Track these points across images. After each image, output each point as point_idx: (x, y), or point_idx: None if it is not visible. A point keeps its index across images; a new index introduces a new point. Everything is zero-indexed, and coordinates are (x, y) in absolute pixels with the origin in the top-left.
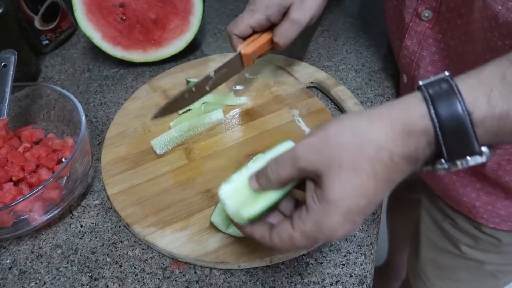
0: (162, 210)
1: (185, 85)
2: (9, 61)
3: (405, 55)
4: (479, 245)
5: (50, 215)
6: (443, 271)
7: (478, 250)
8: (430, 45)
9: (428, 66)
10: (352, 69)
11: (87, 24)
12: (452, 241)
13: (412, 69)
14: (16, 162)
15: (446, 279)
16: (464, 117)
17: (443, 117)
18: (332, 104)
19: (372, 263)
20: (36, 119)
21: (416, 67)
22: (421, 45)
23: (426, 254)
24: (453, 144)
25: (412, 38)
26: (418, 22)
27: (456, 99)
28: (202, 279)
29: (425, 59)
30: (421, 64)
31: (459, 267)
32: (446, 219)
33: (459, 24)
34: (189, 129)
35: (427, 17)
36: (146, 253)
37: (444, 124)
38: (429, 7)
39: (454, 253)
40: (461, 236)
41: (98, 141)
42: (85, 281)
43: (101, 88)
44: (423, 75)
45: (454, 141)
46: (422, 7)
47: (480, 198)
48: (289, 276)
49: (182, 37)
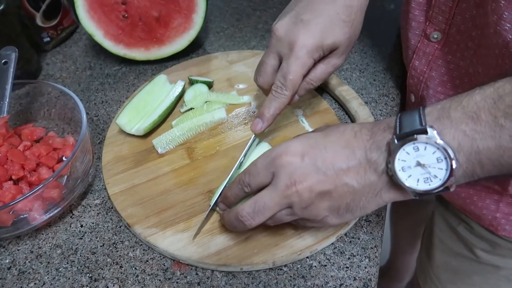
0: (163, 210)
1: (187, 83)
2: (10, 58)
3: (413, 76)
4: (496, 250)
5: (50, 214)
6: (456, 275)
7: (494, 255)
8: (439, 65)
9: (438, 87)
10: (356, 68)
11: (89, 21)
12: (467, 246)
13: (420, 90)
14: (16, 160)
15: (459, 283)
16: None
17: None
18: (336, 104)
19: (376, 266)
20: (37, 117)
21: (424, 87)
22: (430, 65)
23: (439, 258)
24: (405, 120)
25: (420, 58)
26: (426, 43)
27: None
28: (203, 281)
29: (434, 79)
30: (430, 85)
31: (473, 272)
32: (462, 223)
33: (470, 46)
34: (191, 128)
35: (436, 38)
36: (147, 254)
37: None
38: (438, 29)
39: (468, 257)
40: (477, 241)
41: (99, 139)
42: (85, 281)
43: (102, 86)
44: (432, 95)
45: (406, 118)
46: (430, 28)
47: (500, 209)
48: (292, 279)
49: (185, 35)
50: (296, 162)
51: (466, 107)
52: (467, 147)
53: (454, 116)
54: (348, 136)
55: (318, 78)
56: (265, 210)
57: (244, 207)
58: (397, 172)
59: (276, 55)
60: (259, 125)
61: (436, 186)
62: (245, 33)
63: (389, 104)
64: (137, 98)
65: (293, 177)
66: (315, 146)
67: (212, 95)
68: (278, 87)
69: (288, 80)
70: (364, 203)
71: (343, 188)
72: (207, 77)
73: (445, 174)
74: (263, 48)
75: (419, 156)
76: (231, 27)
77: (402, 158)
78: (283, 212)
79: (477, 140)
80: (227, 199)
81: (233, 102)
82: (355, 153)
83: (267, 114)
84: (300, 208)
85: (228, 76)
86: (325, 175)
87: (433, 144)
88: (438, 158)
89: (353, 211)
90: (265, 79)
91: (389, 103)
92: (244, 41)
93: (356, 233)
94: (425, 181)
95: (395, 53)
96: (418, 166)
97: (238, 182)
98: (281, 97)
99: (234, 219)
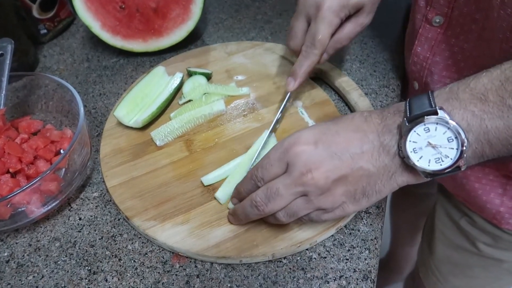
0: (162, 203)
1: (186, 75)
2: (6, 50)
3: (416, 62)
4: (498, 243)
5: (48, 207)
6: (458, 267)
7: (497, 249)
8: (443, 50)
9: (443, 71)
10: (356, 59)
11: (86, 13)
12: (469, 239)
13: (424, 76)
14: (13, 153)
15: (461, 276)
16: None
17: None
18: (336, 96)
19: (376, 258)
20: (34, 110)
21: (428, 73)
22: (433, 51)
23: (441, 250)
24: (414, 103)
25: (422, 44)
26: (428, 28)
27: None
28: (203, 273)
29: (439, 64)
30: (435, 70)
31: (475, 265)
32: (464, 216)
33: (474, 29)
34: (190, 120)
35: (438, 23)
36: (146, 247)
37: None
38: (440, 13)
39: (470, 250)
40: (479, 234)
41: (97, 132)
42: (83, 274)
43: (100, 79)
44: (437, 81)
45: (415, 101)
46: (432, 13)
47: (504, 203)
48: (292, 271)
49: (183, 26)
50: (310, 150)
51: (474, 89)
52: (476, 127)
53: (462, 97)
54: (359, 121)
55: (347, 37)
56: (278, 196)
57: (258, 193)
58: (408, 154)
59: (304, 17)
60: (292, 84)
61: (448, 166)
62: (244, 24)
63: (389, 95)
64: (135, 90)
65: (308, 164)
66: (327, 133)
67: (211, 86)
68: (307, 47)
69: (317, 40)
70: (379, 187)
71: (359, 172)
72: (206, 68)
73: (456, 153)
74: (262, 39)
75: (430, 137)
76: (230, 18)
77: (413, 140)
78: (298, 201)
79: (485, 120)
80: (240, 194)
81: (232, 93)
82: (368, 137)
83: (298, 71)
84: (316, 196)
85: (227, 67)
86: (340, 159)
87: (444, 124)
88: (448, 138)
89: (369, 195)
90: (296, 42)
91: (389, 94)
92: (243, 32)
93: (356, 225)
94: (436, 161)
95: (396, 44)
96: (429, 147)
97: (250, 178)
98: (311, 56)
99: (248, 205)
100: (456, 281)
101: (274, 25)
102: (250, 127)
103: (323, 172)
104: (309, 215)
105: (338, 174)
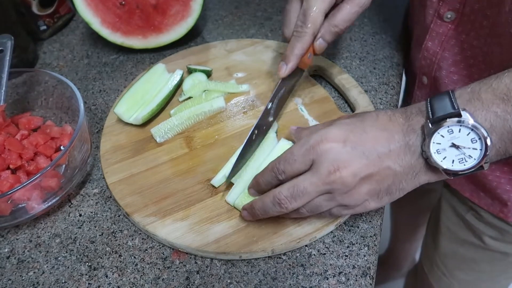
0: (162, 199)
1: (186, 72)
2: (6, 46)
3: (426, 57)
4: (505, 237)
5: (48, 203)
6: (463, 262)
7: (503, 242)
8: (453, 45)
9: (451, 67)
10: (356, 57)
11: (85, 9)
12: (475, 233)
13: (433, 71)
14: (13, 149)
15: (466, 269)
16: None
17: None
18: (335, 93)
19: (375, 254)
20: (34, 106)
21: (437, 68)
22: (443, 46)
23: (447, 245)
24: (436, 104)
25: (433, 39)
26: (439, 23)
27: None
28: (203, 269)
29: (447, 60)
30: (443, 65)
31: (481, 259)
32: (470, 211)
33: (485, 25)
34: (190, 117)
35: (450, 18)
36: (146, 243)
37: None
38: (452, 9)
39: (476, 244)
40: (485, 228)
41: (97, 128)
42: (84, 270)
43: (100, 75)
44: (445, 76)
45: (437, 102)
46: (444, 8)
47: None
48: (291, 267)
49: (183, 23)
50: (338, 148)
51: (496, 89)
52: (499, 127)
53: (485, 98)
54: (384, 120)
55: (344, 19)
56: (304, 195)
57: (282, 191)
58: (432, 155)
59: (298, 0)
60: (283, 68)
61: (471, 166)
62: (244, 21)
63: (389, 92)
64: (135, 87)
65: (335, 163)
66: (355, 131)
67: (211, 84)
68: (298, 26)
69: (308, 16)
70: (403, 185)
71: (386, 172)
72: (206, 66)
73: (479, 154)
74: (262, 36)
75: (453, 138)
76: (229, 15)
77: (437, 141)
78: (321, 198)
79: (508, 121)
80: (259, 186)
81: (232, 91)
82: (394, 137)
83: (289, 55)
84: (341, 194)
85: (227, 64)
86: (368, 159)
87: (467, 126)
88: (472, 139)
89: (392, 193)
90: (291, 28)
91: (389, 91)
92: (243, 29)
93: (355, 222)
94: (460, 161)
95: (396, 41)
96: (452, 147)
97: (271, 170)
98: (302, 35)
99: (270, 202)
100: (462, 275)
101: (274, 22)
102: (250, 124)
103: (351, 171)
104: (330, 210)
105: (365, 173)
